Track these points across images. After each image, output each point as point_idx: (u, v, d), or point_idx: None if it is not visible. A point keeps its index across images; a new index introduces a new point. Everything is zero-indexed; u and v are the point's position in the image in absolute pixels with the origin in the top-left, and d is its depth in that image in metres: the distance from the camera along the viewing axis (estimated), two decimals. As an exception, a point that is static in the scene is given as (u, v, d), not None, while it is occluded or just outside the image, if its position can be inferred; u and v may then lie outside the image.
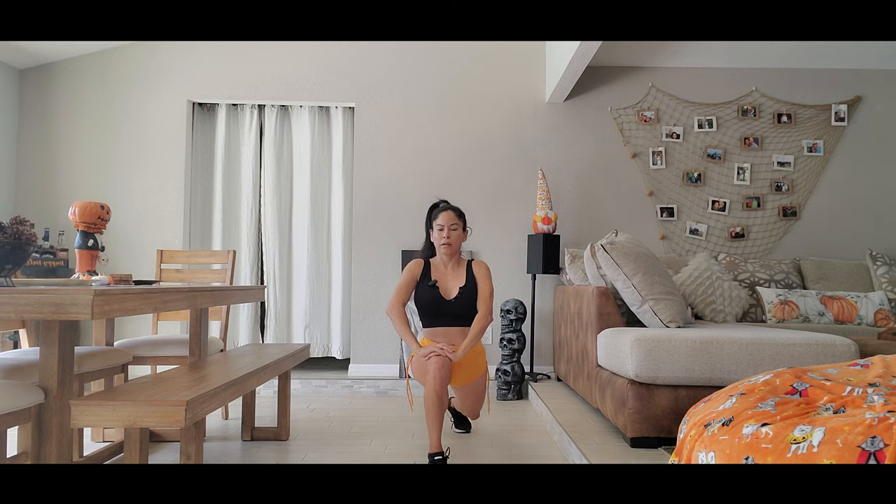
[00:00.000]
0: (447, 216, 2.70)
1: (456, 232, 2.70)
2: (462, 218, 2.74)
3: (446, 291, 2.70)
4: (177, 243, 4.32)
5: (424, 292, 2.69)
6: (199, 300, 2.11)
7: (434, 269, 2.75)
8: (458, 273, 2.74)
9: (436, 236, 2.71)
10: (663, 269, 2.80)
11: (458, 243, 2.72)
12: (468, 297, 2.68)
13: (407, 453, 2.63)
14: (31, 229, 1.86)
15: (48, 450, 1.71)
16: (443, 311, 2.69)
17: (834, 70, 4.51)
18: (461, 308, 2.68)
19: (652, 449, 2.32)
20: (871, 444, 1.11)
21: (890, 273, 3.93)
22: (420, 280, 2.73)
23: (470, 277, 2.72)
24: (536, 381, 4.00)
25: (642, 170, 4.44)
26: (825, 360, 2.31)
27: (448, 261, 2.75)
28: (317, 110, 4.52)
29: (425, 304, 2.69)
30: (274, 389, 4.09)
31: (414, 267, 2.75)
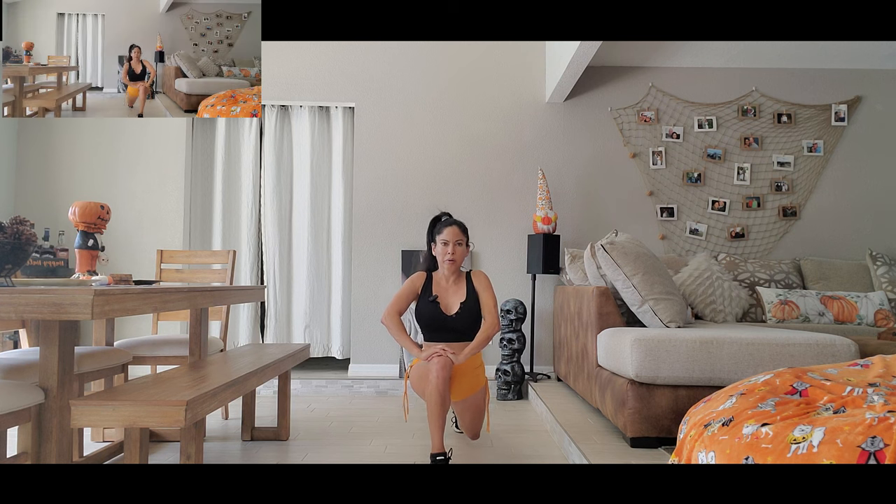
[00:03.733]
0: (452, 232, 2.67)
1: (461, 248, 2.68)
2: (466, 233, 2.72)
3: (447, 307, 2.69)
4: (177, 243, 4.32)
5: (425, 308, 2.68)
6: (199, 300, 2.11)
7: (435, 284, 2.74)
8: (459, 287, 2.73)
9: (439, 251, 2.69)
10: (663, 269, 2.80)
11: (461, 259, 2.70)
12: (469, 312, 2.67)
13: (407, 453, 2.63)
14: (31, 229, 1.86)
15: (48, 450, 1.71)
16: (444, 327, 2.67)
17: (834, 70, 4.51)
18: (462, 324, 2.67)
19: (652, 449, 2.32)
20: (871, 444, 1.11)
21: (890, 273, 3.93)
22: (421, 294, 2.72)
23: (470, 291, 2.70)
24: (536, 381, 4.00)
25: (642, 170, 4.45)
26: (825, 360, 2.31)
27: (450, 275, 2.73)
28: (317, 110, 4.52)
29: (426, 319, 2.69)
30: (274, 389, 4.09)
31: (416, 279, 2.74)
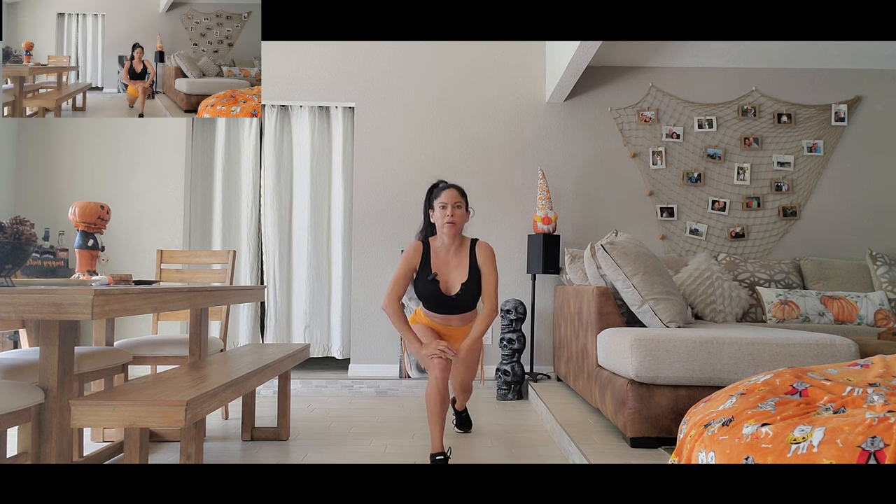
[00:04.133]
0: (450, 194, 2.51)
1: (460, 210, 2.51)
2: (465, 197, 2.57)
3: (447, 286, 2.55)
4: (177, 243, 4.32)
5: (424, 287, 2.55)
6: (199, 300, 2.11)
7: (434, 256, 2.56)
8: (461, 260, 2.56)
9: (438, 215, 2.51)
10: (663, 269, 2.80)
11: (461, 223, 2.53)
12: (470, 293, 2.55)
13: (407, 453, 2.63)
14: (31, 229, 1.86)
15: (48, 450, 1.71)
16: (443, 304, 2.57)
17: (834, 70, 4.51)
18: (463, 302, 2.56)
19: (652, 449, 2.32)
20: (871, 444, 1.11)
21: (890, 273, 3.93)
22: (420, 269, 2.56)
23: (473, 267, 2.54)
24: (536, 381, 4.00)
25: (642, 170, 4.44)
26: (825, 360, 2.31)
27: (450, 244, 2.56)
28: (317, 110, 4.52)
29: (425, 297, 2.57)
30: (274, 389, 4.09)
31: (412, 255, 2.56)
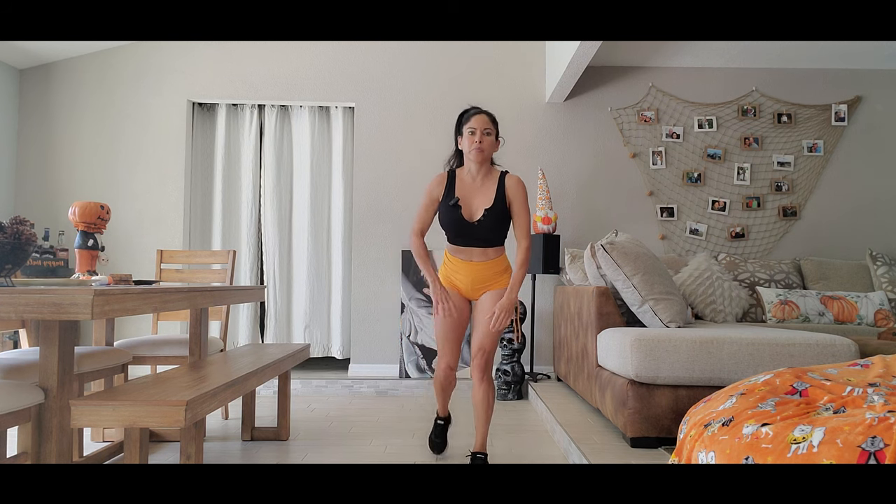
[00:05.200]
0: (480, 119, 2.41)
1: (489, 137, 2.41)
2: (496, 124, 2.46)
3: (469, 212, 2.44)
4: (177, 243, 4.32)
5: (446, 212, 2.45)
6: (199, 300, 2.11)
7: (459, 183, 2.47)
8: (487, 188, 2.46)
9: (466, 141, 2.42)
10: (663, 269, 2.80)
11: (490, 150, 2.43)
12: (492, 221, 2.42)
13: (407, 453, 2.63)
14: (31, 229, 1.86)
15: (48, 450, 1.71)
16: (464, 233, 2.44)
17: (834, 70, 4.51)
18: (484, 231, 2.43)
19: (652, 449, 2.32)
20: (871, 444, 1.11)
21: (890, 273, 3.93)
22: (443, 198, 2.47)
23: (499, 197, 2.43)
24: (536, 381, 4.00)
25: (642, 170, 4.44)
26: (825, 360, 2.31)
27: (477, 172, 2.46)
28: (317, 110, 4.52)
29: (446, 223, 2.47)
30: (274, 389, 4.09)
31: (435, 186, 2.48)
